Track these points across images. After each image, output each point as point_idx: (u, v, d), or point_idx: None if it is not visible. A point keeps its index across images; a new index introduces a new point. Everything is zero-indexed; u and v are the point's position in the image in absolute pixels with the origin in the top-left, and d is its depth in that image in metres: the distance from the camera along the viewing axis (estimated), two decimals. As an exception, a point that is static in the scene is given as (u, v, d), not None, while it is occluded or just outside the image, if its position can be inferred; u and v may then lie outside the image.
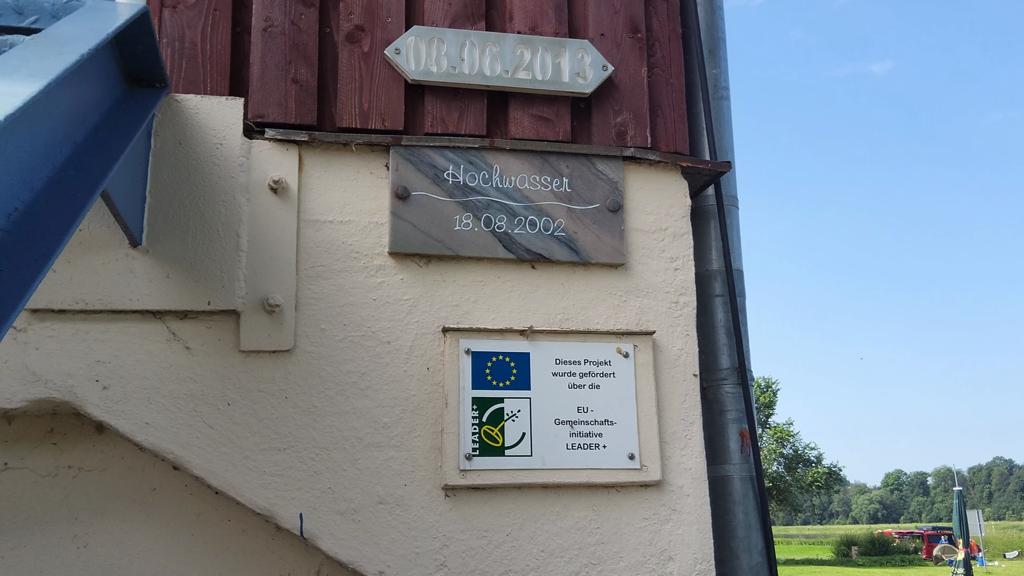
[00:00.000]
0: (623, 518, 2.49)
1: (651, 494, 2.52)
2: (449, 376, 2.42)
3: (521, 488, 2.42)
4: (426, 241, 2.48)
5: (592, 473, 2.46)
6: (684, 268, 2.72)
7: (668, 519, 2.51)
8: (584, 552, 2.43)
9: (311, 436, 2.32)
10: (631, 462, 2.49)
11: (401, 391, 2.41)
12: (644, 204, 2.72)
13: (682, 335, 2.67)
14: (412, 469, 2.37)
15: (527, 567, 2.38)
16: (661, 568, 2.47)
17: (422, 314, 2.47)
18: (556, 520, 2.44)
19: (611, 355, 2.56)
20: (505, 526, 2.39)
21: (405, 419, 2.39)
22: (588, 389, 2.52)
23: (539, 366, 2.50)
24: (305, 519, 2.27)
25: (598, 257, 2.61)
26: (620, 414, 2.53)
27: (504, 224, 2.55)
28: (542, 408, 2.47)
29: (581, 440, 2.48)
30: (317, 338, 2.38)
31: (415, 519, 2.34)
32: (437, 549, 2.33)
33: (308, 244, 2.43)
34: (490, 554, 2.37)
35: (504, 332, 2.50)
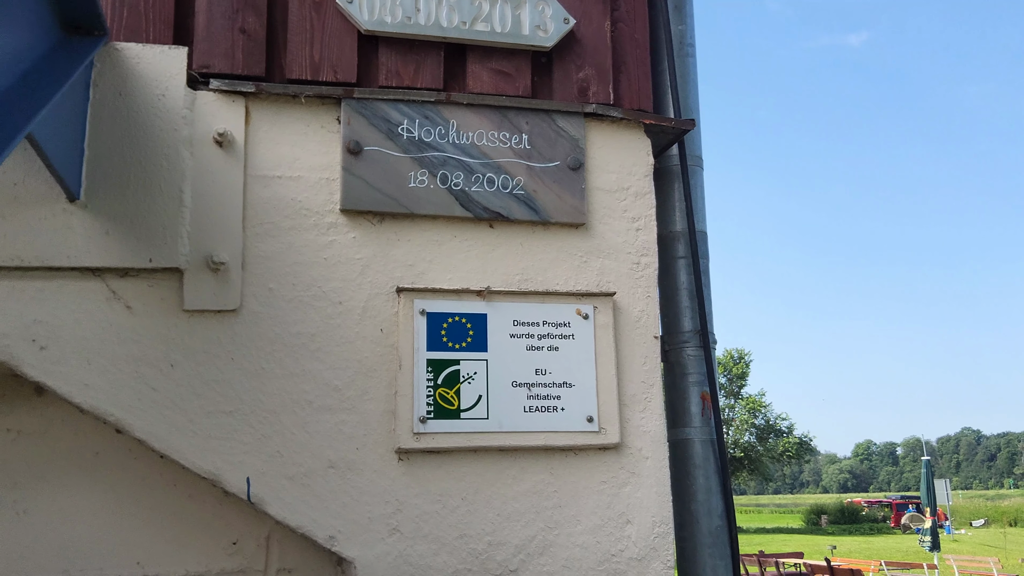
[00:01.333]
0: (581, 481, 2.44)
1: (610, 457, 2.47)
2: (403, 338, 2.35)
3: (477, 451, 2.37)
4: (379, 198, 2.39)
5: (550, 436, 2.41)
6: (646, 228, 2.65)
7: (627, 482, 2.47)
8: (541, 516, 2.38)
9: (259, 399, 2.25)
10: (590, 425, 2.44)
11: (353, 353, 2.33)
12: (606, 162, 2.65)
13: (643, 297, 2.61)
14: (365, 433, 2.30)
15: (483, 531, 2.33)
16: (619, 531, 2.43)
17: (375, 274, 2.39)
18: (513, 484, 2.38)
19: (570, 316, 2.50)
20: (460, 490, 2.34)
21: (357, 382, 2.32)
22: (547, 351, 2.46)
23: (496, 327, 2.43)
24: (253, 484, 2.21)
25: (558, 216, 2.54)
26: (579, 376, 2.47)
27: (461, 181, 2.47)
28: (499, 370, 2.41)
29: (539, 403, 2.42)
30: (265, 298, 2.30)
31: (367, 483, 2.27)
32: (390, 514, 2.27)
33: (255, 200, 2.34)
34: (445, 518, 2.31)
35: (460, 293, 2.43)
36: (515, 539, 2.35)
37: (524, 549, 2.35)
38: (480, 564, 2.31)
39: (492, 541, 2.33)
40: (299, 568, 2.38)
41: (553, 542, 2.38)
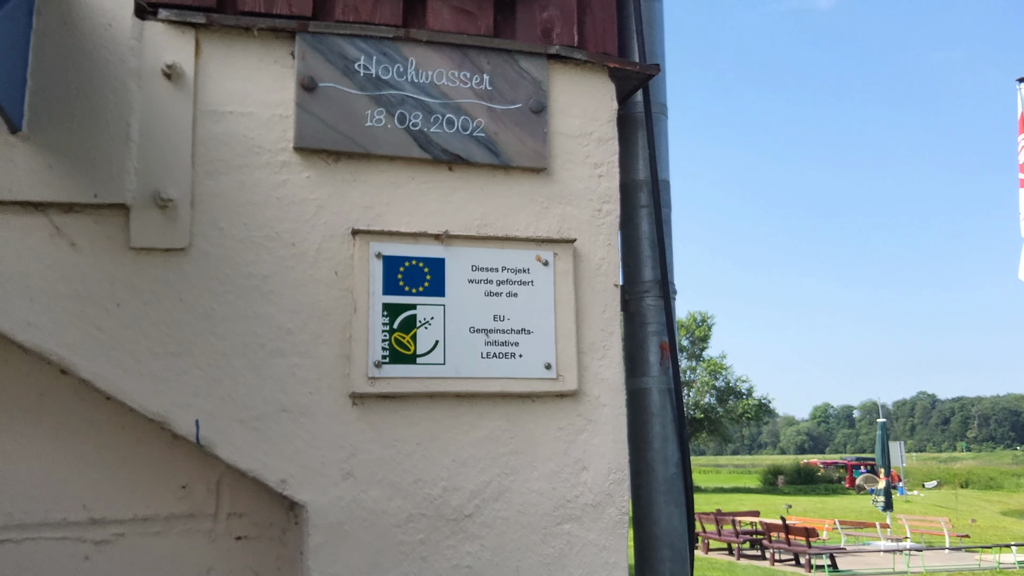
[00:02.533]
0: (538, 428, 2.42)
1: (567, 404, 2.46)
2: (358, 281, 2.30)
3: (433, 397, 2.34)
4: (335, 137, 2.33)
5: (507, 383, 2.39)
6: (609, 175, 2.62)
7: (584, 429, 2.46)
8: (497, 462, 2.37)
9: (209, 341, 2.19)
10: (547, 372, 2.42)
11: (307, 296, 2.28)
12: (569, 106, 2.60)
13: (604, 244, 2.58)
14: (318, 377, 2.26)
15: (438, 476, 2.31)
16: (575, 478, 2.43)
17: (330, 215, 2.33)
18: (469, 430, 2.36)
19: (530, 263, 2.47)
20: (416, 436, 2.31)
21: (311, 325, 2.27)
22: (505, 297, 2.43)
23: (455, 272, 2.39)
24: (202, 426, 2.16)
25: (519, 160, 2.49)
26: (538, 323, 2.44)
27: (419, 122, 2.40)
28: (457, 316, 2.37)
29: (497, 349, 2.39)
30: (215, 237, 2.24)
31: (320, 428, 2.24)
32: (344, 459, 2.24)
33: (205, 136, 2.26)
34: (400, 464, 2.29)
35: (418, 236, 2.38)
36: (470, 484, 2.33)
37: (479, 494, 2.33)
38: (435, 509, 2.29)
39: (447, 486, 2.31)
40: (250, 513, 2.35)
41: (509, 488, 2.36)
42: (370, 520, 2.23)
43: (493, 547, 2.32)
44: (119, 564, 2.26)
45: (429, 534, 2.28)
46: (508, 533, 2.34)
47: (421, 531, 2.28)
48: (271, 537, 2.36)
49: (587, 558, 2.40)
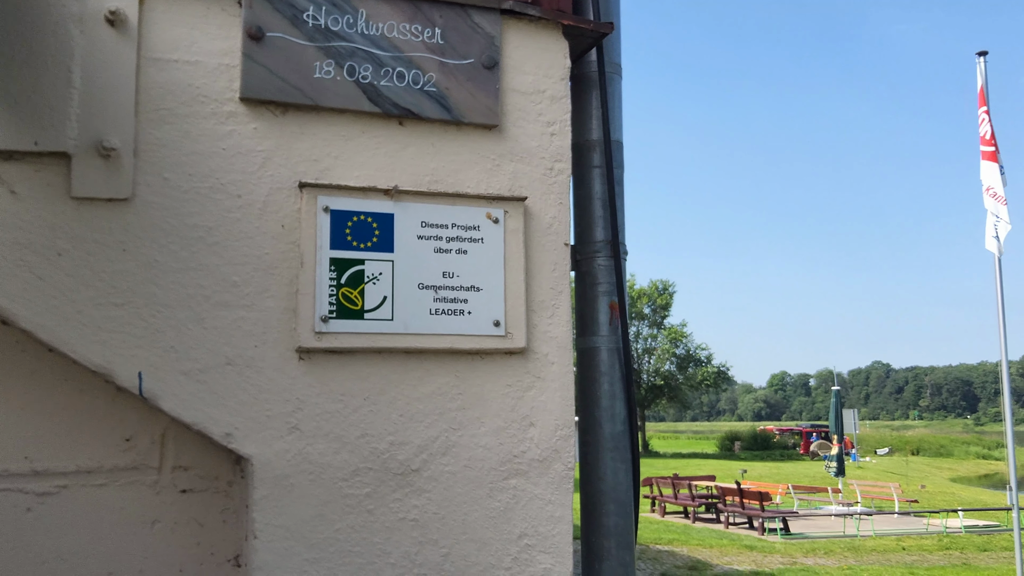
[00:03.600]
0: (486, 384, 2.44)
1: (515, 361, 2.47)
2: (305, 235, 2.28)
3: (381, 353, 2.34)
4: (282, 88, 2.29)
5: (456, 339, 2.39)
6: (561, 134, 2.61)
7: (532, 386, 2.48)
8: (445, 417, 2.38)
9: (152, 292, 2.17)
10: (496, 329, 2.43)
11: (253, 248, 2.26)
12: (522, 63, 2.58)
13: (555, 203, 2.58)
14: (264, 330, 2.25)
15: (385, 431, 2.32)
16: (522, 433, 2.45)
17: (277, 167, 2.31)
18: (417, 385, 2.37)
19: (480, 220, 2.46)
20: (363, 390, 2.32)
21: (257, 278, 2.26)
22: (455, 254, 2.43)
23: (404, 228, 2.38)
24: (146, 378, 2.14)
25: (471, 116, 2.48)
26: (487, 281, 2.45)
27: (370, 75, 2.38)
28: (405, 272, 2.36)
29: (446, 306, 2.39)
30: (159, 187, 2.20)
31: (266, 381, 2.23)
32: (290, 412, 2.24)
33: (150, 84, 2.22)
34: (346, 418, 2.29)
35: (367, 191, 2.36)
36: (418, 439, 2.35)
37: (427, 449, 2.35)
38: (381, 463, 2.30)
39: (394, 441, 2.32)
40: (196, 466, 2.34)
41: (456, 443, 2.38)
42: (316, 473, 2.24)
43: (440, 501, 2.35)
44: (62, 516, 2.24)
45: (376, 488, 2.29)
46: (455, 487, 2.37)
47: (368, 485, 2.29)
48: (217, 490, 2.36)
49: (532, 512, 2.43)
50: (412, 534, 2.31)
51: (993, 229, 13.09)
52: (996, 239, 13.02)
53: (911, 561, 16.37)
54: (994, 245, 13.05)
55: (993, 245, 13.06)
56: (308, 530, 2.22)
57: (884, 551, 17.55)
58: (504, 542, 2.39)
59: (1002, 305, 13.24)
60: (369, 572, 2.26)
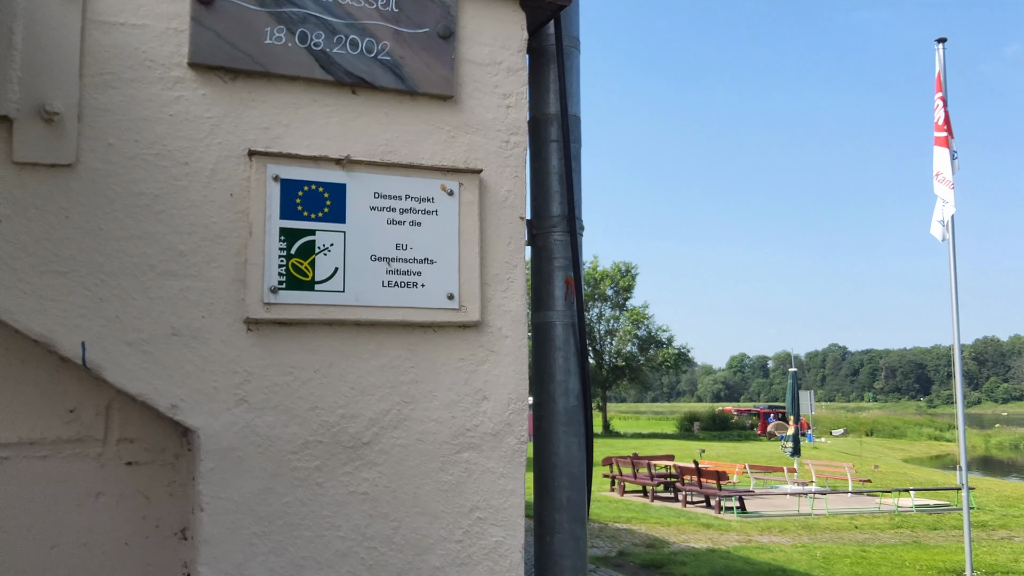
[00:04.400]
0: (439, 358, 2.42)
1: (469, 335, 2.46)
2: (255, 204, 2.24)
3: (332, 325, 2.31)
4: (232, 54, 2.24)
5: (409, 312, 2.37)
6: (517, 106, 2.59)
7: (485, 360, 2.47)
8: (397, 390, 2.36)
9: (96, 260, 2.12)
10: (450, 302, 2.41)
11: (200, 217, 2.21)
12: (478, 33, 2.55)
13: (511, 176, 2.56)
14: (211, 301, 2.20)
15: (336, 404, 2.29)
16: (475, 407, 2.44)
17: (226, 135, 2.26)
18: (369, 358, 2.35)
19: (435, 192, 2.44)
20: (314, 363, 2.29)
21: (204, 248, 2.21)
22: (408, 226, 2.40)
23: (356, 199, 2.35)
24: (89, 348, 2.09)
25: (426, 86, 2.44)
26: (441, 253, 2.42)
27: (322, 42, 2.33)
28: (357, 243, 2.33)
29: (399, 278, 2.37)
30: (104, 153, 2.14)
31: (213, 352, 2.19)
32: (237, 384, 2.20)
33: (95, 48, 2.16)
34: (296, 391, 2.26)
35: (319, 160, 2.32)
36: (369, 412, 2.33)
37: (378, 422, 2.33)
38: (332, 436, 2.28)
39: (345, 414, 2.30)
40: (142, 438, 2.30)
41: (408, 416, 2.37)
42: (264, 446, 2.21)
43: (391, 474, 2.33)
44: (3, 488, 2.19)
45: (325, 460, 2.27)
46: (407, 460, 2.35)
47: (317, 458, 2.26)
48: (163, 462, 2.32)
49: (485, 485, 2.43)
50: (362, 507, 2.29)
51: (940, 214, 13.31)
52: (941, 223, 13.24)
53: (863, 539, 16.72)
54: (939, 230, 13.28)
55: (938, 230, 13.29)
56: (256, 503, 2.19)
57: (837, 529, 17.90)
58: (456, 515, 2.39)
59: (955, 289, 13.50)
60: (318, 545, 2.24)
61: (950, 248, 13.55)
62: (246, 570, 2.17)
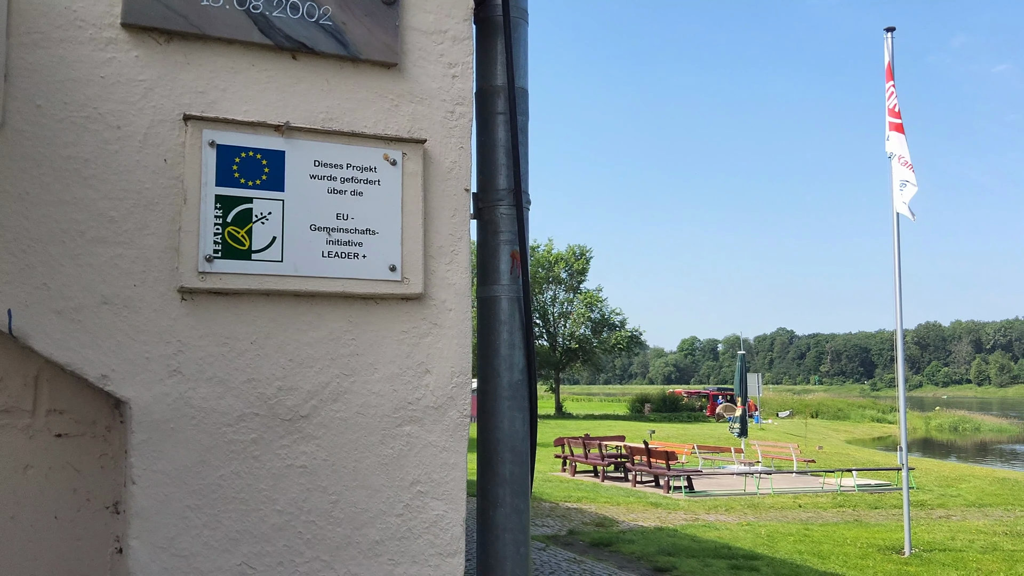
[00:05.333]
0: (381, 330, 2.39)
1: (412, 307, 2.43)
2: (190, 170, 2.17)
3: (270, 295, 2.26)
4: (166, 14, 2.17)
5: (349, 283, 2.33)
6: (463, 76, 2.55)
7: (428, 332, 2.44)
8: (337, 363, 2.32)
9: (22, 226, 2.04)
10: (392, 274, 2.38)
11: (132, 183, 2.15)
12: (423, 0, 2.51)
13: (456, 147, 2.53)
14: (144, 269, 2.14)
15: (273, 376, 2.25)
16: (417, 380, 2.41)
17: (160, 98, 2.19)
18: (308, 330, 2.30)
19: (377, 161, 2.39)
20: (250, 334, 2.24)
21: (136, 214, 2.15)
22: (350, 195, 2.35)
23: (295, 167, 2.29)
24: (16, 316, 2.02)
25: (369, 53, 2.39)
26: (383, 224, 2.38)
27: (261, 4, 2.27)
28: (297, 212, 2.28)
29: (339, 248, 2.32)
30: (31, 115, 2.06)
31: (146, 322, 2.13)
32: (170, 355, 2.15)
33: (22, 6, 2.07)
34: (232, 362, 2.21)
35: (257, 126, 2.26)
36: (308, 385, 2.29)
37: (317, 395, 2.29)
38: (269, 408, 2.24)
39: (283, 386, 2.26)
40: (72, 409, 2.24)
41: (348, 389, 2.33)
42: (198, 418, 2.16)
43: (330, 447, 2.30)
44: (-77, 462, 2.12)
45: (262, 433, 2.23)
46: (346, 434, 2.32)
47: (254, 430, 2.22)
48: (94, 435, 2.26)
49: (426, 459, 2.41)
50: (300, 481, 2.26)
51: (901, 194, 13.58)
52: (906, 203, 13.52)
53: (806, 518, 17.06)
54: (904, 208, 13.55)
55: (903, 208, 13.55)
56: (190, 476, 2.14)
57: (782, 508, 18.25)
58: (396, 489, 2.36)
59: (899, 276, 13.79)
60: (254, 519, 2.20)
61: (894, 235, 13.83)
62: (179, 544, 2.12)
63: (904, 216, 13.63)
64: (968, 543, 14.11)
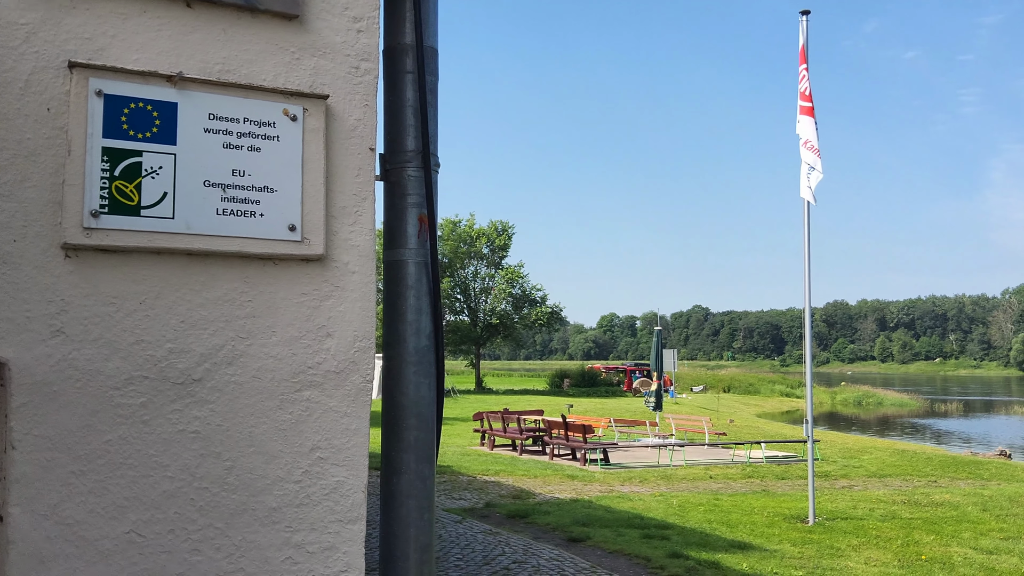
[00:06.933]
0: (279, 292, 2.31)
1: (313, 269, 2.36)
2: (75, 120, 2.05)
3: (160, 253, 2.16)
4: (47, -48, 2.04)
5: (246, 242, 2.25)
6: (368, 31, 2.48)
7: (330, 295, 2.38)
8: (232, 325, 2.24)
9: None
10: (292, 234, 2.30)
11: (12, 133, 2.02)
12: (327, -48, 2.42)
13: (361, 104, 2.46)
14: (24, 224, 2.02)
15: (163, 337, 2.16)
16: (318, 344, 2.35)
17: (43, 44, 2.06)
18: (201, 290, 2.21)
19: (277, 116, 2.31)
20: (139, 293, 2.14)
21: (16, 166, 2.02)
22: (247, 151, 2.26)
23: (189, 119, 2.19)
24: None
25: (268, 3, 2.30)
26: (282, 182, 2.30)
27: (152, -53, 2.15)
28: (189, 167, 2.18)
29: (235, 206, 2.23)
30: None
31: (26, 279, 2.01)
32: (54, 314, 2.04)
33: None
34: (119, 323, 2.11)
35: (147, 76, 2.15)
36: (201, 348, 2.20)
37: (210, 358, 2.21)
38: (159, 371, 2.14)
39: (174, 348, 2.17)
40: (-56, 373, 2.11)
41: (244, 352, 2.25)
42: (84, 381, 2.06)
43: (224, 412, 2.22)
44: None
45: (152, 397, 2.14)
46: (241, 398, 2.24)
47: (143, 394, 2.13)
48: (-31, 399, 2.13)
49: (327, 424, 2.35)
50: (193, 446, 2.18)
51: (807, 179, 13.93)
52: (810, 188, 13.87)
53: (717, 488, 17.52)
54: (808, 194, 13.90)
55: (808, 193, 13.90)
56: (74, 441, 2.05)
57: (693, 479, 18.69)
58: (295, 455, 2.30)
59: (808, 254, 14.17)
60: (144, 485, 2.12)
61: (805, 215, 14.19)
62: (63, 511, 2.03)
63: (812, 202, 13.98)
64: (868, 511, 14.69)
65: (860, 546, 11.73)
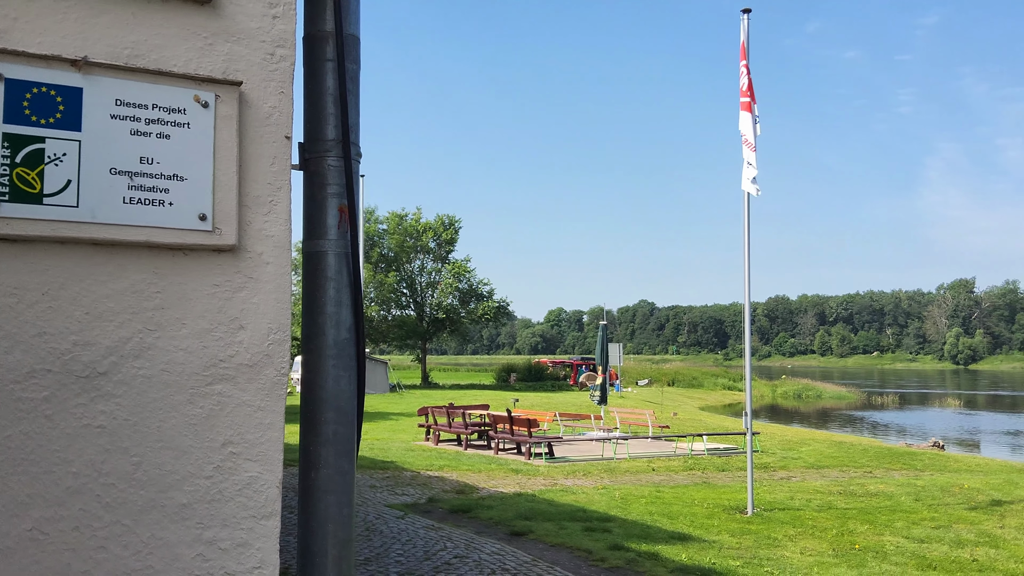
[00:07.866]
0: (190, 283, 2.26)
1: (225, 259, 2.31)
2: (-29, 103, 1.98)
3: (64, 243, 2.10)
4: (-61, -72, 1.96)
5: (155, 232, 2.19)
6: (285, 17, 2.43)
7: (243, 287, 2.33)
8: (140, 317, 2.18)
9: None
10: (202, 223, 2.25)
11: (-99, 115, 1.94)
12: (241, -65, 2.37)
13: (276, 91, 2.41)
14: (-85, 210, 1.94)
15: (67, 330, 2.09)
16: (230, 336, 2.30)
17: (-65, 23, 1.98)
18: (107, 281, 2.15)
19: (187, 103, 2.25)
20: (41, 284, 2.07)
21: (-94, 149, 1.94)
22: (156, 138, 2.21)
23: (94, 105, 2.13)
24: None
25: (179, -12, 2.24)
26: (193, 170, 2.25)
27: (53, -75, 2.08)
28: (95, 154, 2.12)
29: (143, 195, 2.18)
30: None
31: (-83, 269, 1.94)
32: (-53, 305, 1.96)
33: None
34: (20, 314, 2.04)
35: (51, 60, 2.08)
36: (107, 340, 2.14)
37: (117, 351, 2.15)
38: (62, 365, 2.08)
39: (78, 341, 2.10)
40: None
41: (153, 345, 2.20)
42: (-20, 374, 1.99)
43: (131, 406, 2.16)
44: None
45: (55, 391, 2.07)
46: (150, 392, 2.19)
47: (46, 388, 2.06)
48: None
49: (240, 419, 2.31)
50: (98, 441, 2.12)
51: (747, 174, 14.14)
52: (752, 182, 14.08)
53: (659, 480, 17.71)
54: (751, 186, 14.11)
55: (750, 187, 14.11)
56: (-31, 437, 1.97)
57: (636, 472, 18.87)
58: (206, 450, 2.25)
59: (748, 251, 14.38)
60: (46, 482, 2.06)
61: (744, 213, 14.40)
62: (-43, 511, 1.96)
63: (753, 194, 14.19)
64: (806, 502, 14.98)
65: (797, 536, 11.95)
